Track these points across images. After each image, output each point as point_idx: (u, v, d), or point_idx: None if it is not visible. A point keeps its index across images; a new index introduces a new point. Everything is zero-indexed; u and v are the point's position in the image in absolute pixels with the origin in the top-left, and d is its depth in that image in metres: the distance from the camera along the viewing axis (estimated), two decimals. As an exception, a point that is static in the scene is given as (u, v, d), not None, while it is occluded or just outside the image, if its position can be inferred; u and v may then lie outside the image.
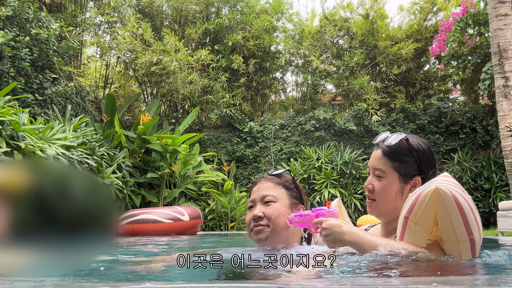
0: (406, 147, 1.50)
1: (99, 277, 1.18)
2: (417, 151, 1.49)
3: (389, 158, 1.50)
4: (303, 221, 1.47)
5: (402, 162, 1.49)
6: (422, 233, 1.27)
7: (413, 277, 1.05)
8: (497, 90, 6.03)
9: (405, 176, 1.48)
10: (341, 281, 0.90)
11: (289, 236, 1.58)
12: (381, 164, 1.52)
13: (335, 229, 1.32)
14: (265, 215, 1.53)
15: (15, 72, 5.46)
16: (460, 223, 1.21)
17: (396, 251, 1.23)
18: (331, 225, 1.34)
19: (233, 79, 8.92)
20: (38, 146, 4.02)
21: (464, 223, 1.22)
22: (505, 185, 7.68)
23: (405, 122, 8.70)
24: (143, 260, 1.77)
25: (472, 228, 1.23)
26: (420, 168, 1.49)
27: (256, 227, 1.53)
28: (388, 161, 1.50)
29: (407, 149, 1.49)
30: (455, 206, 1.20)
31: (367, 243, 1.28)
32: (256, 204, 1.57)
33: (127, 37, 8.03)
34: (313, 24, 9.63)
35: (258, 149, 8.54)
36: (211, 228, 7.21)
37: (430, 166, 1.50)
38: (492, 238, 4.17)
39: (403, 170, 1.48)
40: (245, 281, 1.00)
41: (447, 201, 1.20)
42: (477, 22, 7.31)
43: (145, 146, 6.74)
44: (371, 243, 1.27)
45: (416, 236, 1.28)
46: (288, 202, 1.59)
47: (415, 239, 1.29)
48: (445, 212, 1.21)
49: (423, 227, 1.26)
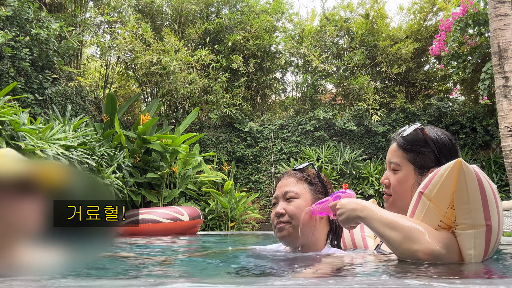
0: (422, 137, 1.40)
1: (103, 274, 1.18)
2: (434, 141, 1.39)
3: (404, 149, 1.42)
4: (323, 208, 1.43)
5: (418, 153, 1.39)
6: (436, 211, 1.17)
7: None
8: (497, 90, 6.03)
9: (422, 168, 1.38)
10: (347, 281, 0.90)
11: (316, 233, 1.53)
12: (396, 156, 1.44)
13: (348, 207, 1.29)
14: (287, 211, 1.50)
15: (15, 72, 5.46)
16: (479, 203, 1.10)
17: (397, 238, 1.15)
18: (343, 204, 1.31)
19: (233, 79, 8.92)
20: (38, 146, 4.02)
21: (483, 205, 1.10)
22: (505, 185, 7.68)
23: (405, 122, 8.70)
24: (151, 258, 1.77)
25: (491, 213, 1.11)
26: (438, 159, 1.38)
27: (279, 224, 1.51)
28: (403, 153, 1.42)
29: (423, 139, 1.40)
30: (475, 183, 1.11)
31: (378, 218, 1.21)
32: (279, 201, 1.55)
33: (127, 37, 8.03)
34: (313, 24, 9.63)
35: (258, 149, 8.54)
36: (211, 228, 7.21)
37: (451, 157, 1.36)
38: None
39: (418, 161, 1.39)
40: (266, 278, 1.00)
41: (467, 176, 1.10)
42: (477, 22, 7.31)
43: (145, 146, 6.74)
44: (382, 219, 1.20)
45: (428, 214, 1.18)
46: (311, 198, 1.54)
47: (426, 217, 1.18)
48: (464, 188, 1.11)
49: (437, 205, 1.16)
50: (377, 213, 1.23)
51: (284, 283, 0.78)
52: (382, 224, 1.20)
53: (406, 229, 1.15)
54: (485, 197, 1.11)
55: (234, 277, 1.09)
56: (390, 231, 1.17)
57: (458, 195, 1.12)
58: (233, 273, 1.17)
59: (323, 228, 1.57)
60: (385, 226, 1.19)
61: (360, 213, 1.26)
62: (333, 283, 0.76)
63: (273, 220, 1.54)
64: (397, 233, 1.16)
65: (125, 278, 1.12)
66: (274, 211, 1.54)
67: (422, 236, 1.12)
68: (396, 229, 1.16)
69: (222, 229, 7.17)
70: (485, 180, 1.14)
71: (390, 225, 1.18)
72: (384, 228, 1.19)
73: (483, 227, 1.11)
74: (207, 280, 0.98)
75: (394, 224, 1.17)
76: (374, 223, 1.22)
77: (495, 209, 1.13)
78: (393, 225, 1.17)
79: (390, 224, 1.18)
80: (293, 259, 1.42)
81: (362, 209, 1.26)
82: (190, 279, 1.01)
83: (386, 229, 1.19)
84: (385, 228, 1.19)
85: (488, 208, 1.11)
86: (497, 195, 1.17)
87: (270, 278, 1.01)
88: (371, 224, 1.23)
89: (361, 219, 1.26)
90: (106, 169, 5.38)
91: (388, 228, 1.18)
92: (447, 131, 6.68)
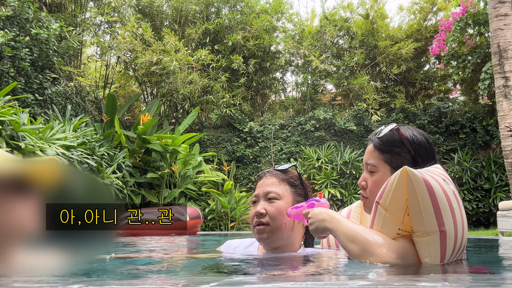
0: (398, 138, 1.38)
1: (102, 275, 1.18)
2: (410, 141, 1.37)
3: (380, 150, 1.40)
4: (298, 213, 1.45)
5: (394, 154, 1.37)
6: (392, 220, 1.17)
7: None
8: (497, 90, 6.03)
9: (398, 168, 1.31)
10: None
11: (293, 235, 1.55)
12: (372, 158, 1.42)
13: (318, 217, 1.31)
14: (268, 212, 1.51)
15: (15, 72, 5.46)
16: (430, 209, 1.10)
17: (356, 247, 1.18)
18: (315, 214, 1.33)
19: (233, 79, 8.92)
20: (38, 146, 4.02)
21: (435, 211, 1.10)
22: (505, 185, 7.68)
23: (405, 122, 8.70)
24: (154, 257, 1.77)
25: (444, 219, 1.11)
26: (415, 160, 1.36)
27: (258, 225, 1.51)
28: (379, 154, 1.40)
29: (399, 139, 1.37)
30: (425, 190, 1.10)
31: (341, 230, 1.23)
32: (260, 200, 1.55)
33: (127, 37, 8.03)
34: (313, 24, 9.63)
35: (258, 149, 8.54)
36: (211, 228, 7.21)
37: (427, 157, 1.37)
38: (492, 238, 4.17)
39: (395, 162, 1.37)
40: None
41: (415, 184, 1.10)
42: (477, 22, 7.31)
43: (145, 146, 6.74)
44: (344, 231, 1.22)
45: (385, 223, 1.18)
46: (292, 200, 1.55)
47: (383, 226, 1.19)
48: (414, 196, 1.11)
49: (393, 214, 1.16)
50: (342, 224, 1.25)
51: (264, 286, 0.78)
52: (344, 236, 1.23)
53: (363, 242, 1.17)
54: (437, 202, 1.11)
55: (211, 278, 1.09)
56: (350, 244, 1.20)
57: (410, 203, 1.13)
58: (209, 275, 1.17)
59: (300, 230, 1.59)
60: (347, 239, 1.22)
61: (328, 224, 1.28)
62: (311, 284, 0.76)
63: (252, 219, 1.54)
64: (356, 246, 1.18)
65: (125, 279, 1.12)
66: (254, 210, 1.53)
67: (377, 249, 1.14)
68: (355, 242, 1.19)
69: (222, 229, 7.17)
70: (437, 185, 1.13)
71: (350, 237, 1.20)
72: (346, 240, 1.22)
73: (436, 233, 1.11)
74: (187, 281, 0.98)
75: (353, 237, 1.20)
76: (338, 235, 1.25)
77: (449, 214, 1.12)
78: (353, 238, 1.20)
79: (350, 237, 1.21)
80: (271, 260, 1.42)
81: (330, 220, 1.28)
82: (168, 281, 1.00)
83: (347, 242, 1.21)
84: (347, 240, 1.22)
85: (440, 213, 1.11)
86: (452, 199, 1.15)
87: (247, 279, 1.01)
88: (336, 236, 1.26)
89: (329, 230, 1.29)
90: (106, 169, 5.38)
91: (349, 241, 1.21)
92: (447, 131, 6.64)
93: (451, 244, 1.12)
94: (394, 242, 1.16)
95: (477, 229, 7.37)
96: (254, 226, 1.53)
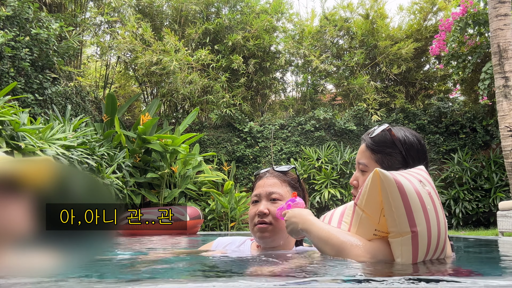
0: (389, 138, 1.38)
1: (101, 276, 1.18)
2: (402, 142, 1.37)
3: (371, 150, 1.41)
4: (281, 213, 1.46)
5: (385, 154, 1.38)
6: (369, 221, 1.18)
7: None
8: (497, 90, 6.03)
9: (388, 169, 1.32)
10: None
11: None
12: (364, 157, 1.43)
13: (291, 219, 1.33)
14: (271, 212, 1.51)
15: (15, 72, 5.46)
16: (402, 210, 1.10)
17: (330, 249, 1.19)
18: (289, 216, 1.34)
19: (233, 79, 8.92)
20: (38, 146, 4.02)
21: (406, 212, 1.11)
22: (505, 185, 7.68)
23: (405, 122, 8.70)
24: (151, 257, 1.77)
25: (416, 220, 1.11)
26: (406, 161, 1.36)
27: (261, 224, 1.51)
28: (370, 154, 1.41)
29: (390, 140, 1.38)
30: (396, 191, 1.11)
31: (315, 232, 1.24)
32: (262, 200, 1.55)
33: (127, 37, 8.03)
34: (313, 24, 9.63)
35: (258, 149, 8.54)
36: (211, 228, 7.21)
37: (418, 159, 1.37)
38: (492, 238, 4.17)
39: (386, 162, 1.37)
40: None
41: (387, 185, 1.11)
42: (477, 22, 7.31)
43: (145, 146, 6.74)
44: (318, 233, 1.23)
45: (362, 224, 1.20)
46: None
47: (360, 227, 1.20)
48: (386, 197, 1.12)
49: (369, 215, 1.18)
50: (315, 226, 1.26)
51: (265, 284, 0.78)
52: (318, 238, 1.23)
53: (337, 244, 1.18)
54: (408, 203, 1.11)
55: (208, 277, 1.08)
56: (324, 245, 1.21)
57: (384, 204, 1.14)
58: (207, 274, 1.17)
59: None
60: (320, 241, 1.22)
61: (301, 226, 1.29)
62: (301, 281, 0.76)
63: (253, 218, 1.54)
64: (330, 248, 1.20)
65: (124, 280, 1.12)
66: (256, 209, 1.54)
67: (351, 250, 1.15)
68: (329, 244, 1.20)
69: (222, 229, 7.17)
70: (410, 186, 1.13)
71: (324, 239, 1.21)
72: (320, 242, 1.23)
73: (408, 234, 1.11)
74: (184, 280, 0.98)
75: (327, 239, 1.21)
76: (311, 236, 1.26)
77: (421, 215, 1.12)
78: (326, 240, 1.21)
79: (323, 238, 1.22)
80: (270, 258, 1.44)
81: (303, 222, 1.29)
82: (164, 280, 1.00)
83: (321, 244, 1.22)
84: (320, 242, 1.22)
85: (412, 214, 1.11)
86: (427, 200, 1.15)
87: (249, 279, 1.01)
88: (310, 238, 1.27)
89: (303, 232, 1.29)
90: (106, 169, 5.38)
91: (323, 243, 1.22)
92: (447, 131, 6.61)
93: (424, 245, 1.13)
94: (368, 243, 1.18)
95: (477, 229, 7.37)
96: (255, 225, 1.53)
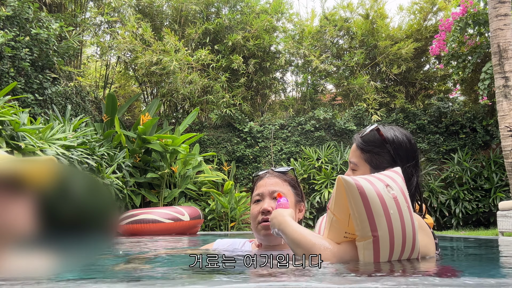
0: (378, 138, 1.42)
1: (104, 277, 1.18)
2: (390, 142, 1.41)
3: (361, 150, 1.45)
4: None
5: (374, 154, 1.42)
6: (339, 224, 1.22)
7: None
8: (497, 90, 6.03)
9: (377, 168, 1.38)
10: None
11: None
12: (354, 156, 1.47)
13: (273, 220, 1.36)
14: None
15: (15, 72, 5.46)
16: (364, 215, 1.13)
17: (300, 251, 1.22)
18: (271, 218, 1.38)
19: (233, 79, 8.92)
20: (38, 146, 4.02)
21: (368, 217, 1.13)
22: (505, 185, 7.68)
23: (405, 122, 8.70)
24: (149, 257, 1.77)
25: (378, 225, 1.13)
26: (394, 160, 1.40)
27: (265, 222, 1.54)
28: (360, 153, 1.45)
29: (379, 139, 1.42)
30: (358, 197, 1.13)
31: (289, 233, 1.27)
32: (265, 198, 1.59)
33: (127, 37, 8.03)
34: (313, 24, 9.63)
35: (258, 149, 8.54)
36: (211, 228, 7.21)
37: (407, 158, 1.40)
38: (492, 238, 4.17)
39: (374, 161, 1.41)
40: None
41: (349, 190, 1.15)
42: (477, 22, 7.31)
43: (145, 146, 6.74)
44: (291, 235, 1.26)
45: (333, 227, 1.23)
46: (294, 200, 1.61)
47: (331, 230, 1.24)
48: (350, 202, 1.15)
49: (339, 218, 1.21)
50: (290, 227, 1.28)
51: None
52: (291, 240, 1.27)
53: (307, 247, 1.21)
54: (370, 209, 1.13)
55: (219, 278, 1.08)
56: (296, 247, 1.24)
57: (350, 209, 1.17)
58: (217, 274, 1.17)
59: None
60: (293, 243, 1.26)
61: (278, 226, 1.32)
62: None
63: (256, 216, 1.57)
64: (301, 250, 1.22)
65: (124, 280, 1.12)
66: (259, 207, 1.57)
67: (320, 253, 1.18)
68: (300, 246, 1.23)
69: (222, 229, 7.17)
70: (372, 191, 1.14)
71: (296, 241, 1.24)
72: (292, 244, 1.26)
73: (370, 238, 1.14)
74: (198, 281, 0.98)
75: (298, 242, 1.23)
76: (286, 238, 1.29)
77: (383, 220, 1.13)
78: (298, 243, 1.24)
79: (295, 241, 1.24)
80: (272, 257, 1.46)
81: (280, 223, 1.32)
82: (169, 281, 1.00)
83: (293, 245, 1.26)
84: (293, 244, 1.26)
85: (374, 219, 1.13)
86: (390, 205, 1.16)
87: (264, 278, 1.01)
88: (285, 239, 1.30)
89: (280, 232, 1.32)
90: (106, 169, 5.38)
91: (295, 245, 1.25)
92: (447, 131, 6.63)
93: (386, 249, 1.14)
94: (337, 247, 1.21)
95: (477, 229, 7.37)
96: (259, 223, 1.56)
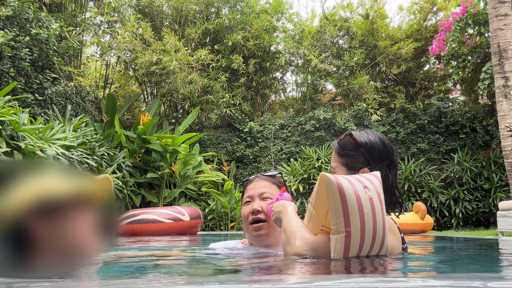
0: (352, 142, 1.55)
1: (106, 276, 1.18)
2: (363, 145, 1.53)
3: (338, 154, 1.58)
4: (270, 208, 1.60)
5: (349, 157, 1.55)
6: (317, 217, 1.32)
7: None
8: (497, 90, 6.03)
9: (352, 169, 1.52)
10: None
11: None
12: (334, 161, 1.60)
13: (276, 209, 1.50)
14: (263, 209, 1.65)
15: (15, 72, 5.46)
16: (340, 211, 1.22)
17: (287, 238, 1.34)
18: (275, 206, 1.52)
19: (233, 79, 8.92)
20: (38, 146, 4.02)
21: (343, 213, 1.22)
22: (505, 185, 7.68)
23: (405, 122, 8.70)
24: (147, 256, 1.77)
25: (351, 221, 1.22)
26: (367, 161, 1.52)
27: (256, 223, 1.63)
28: (338, 157, 1.58)
29: (353, 143, 1.54)
30: (336, 193, 1.22)
31: (284, 221, 1.41)
32: (254, 200, 1.69)
33: (127, 36, 8.03)
34: (313, 24, 9.63)
35: (258, 149, 8.54)
36: (211, 228, 7.22)
37: (379, 158, 1.52)
38: (492, 238, 4.17)
39: (350, 164, 1.54)
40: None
41: (329, 187, 1.23)
42: (477, 22, 7.31)
43: (145, 146, 6.74)
44: (284, 223, 1.40)
45: (312, 219, 1.34)
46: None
47: (310, 222, 1.35)
48: (329, 198, 1.24)
49: (318, 212, 1.31)
50: (286, 216, 1.43)
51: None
52: (282, 227, 1.42)
53: (288, 234, 1.35)
54: (346, 206, 1.22)
55: (214, 276, 1.08)
56: (282, 234, 1.40)
57: (328, 204, 1.26)
58: (213, 273, 1.17)
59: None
60: (283, 229, 1.41)
61: (279, 214, 1.48)
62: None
63: (247, 217, 1.67)
64: (284, 236, 1.38)
65: (124, 278, 1.12)
66: (249, 208, 1.67)
67: (295, 241, 1.31)
68: (285, 233, 1.38)
69: (222, 229, 7.17)
70: (350, 191, 1.24)
71: (283, 228, 1.40)
72: (282, 231, 1.41)
73: (343, 233, 1.23)
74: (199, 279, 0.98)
75: (285, 228, 1.39)
76: (282, 225, 1.43)
77: (357, 217, 1.23)
78: (284, 229, 1.39)
79: (284, 228, 1.40)
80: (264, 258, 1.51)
81: (280, 211, 1.47)
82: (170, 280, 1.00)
83: (282, 232, 1.41)
84: (282, 231, 1.41)
85: (348, 216, 1.22)
86: (366, 204, 1.24)
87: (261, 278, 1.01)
88: (282, 227, 1.43)
89: (279, 220, 1.48)
90: (106, 169, 5.38)
91: (283, 231, 1.40)
92: (447, 131, 6.66)
93: (356, 244, 1.25)
94: (312, 237, 1.32)
95: (477, 229, 7.37)
96: (250, 224, 1.65)
